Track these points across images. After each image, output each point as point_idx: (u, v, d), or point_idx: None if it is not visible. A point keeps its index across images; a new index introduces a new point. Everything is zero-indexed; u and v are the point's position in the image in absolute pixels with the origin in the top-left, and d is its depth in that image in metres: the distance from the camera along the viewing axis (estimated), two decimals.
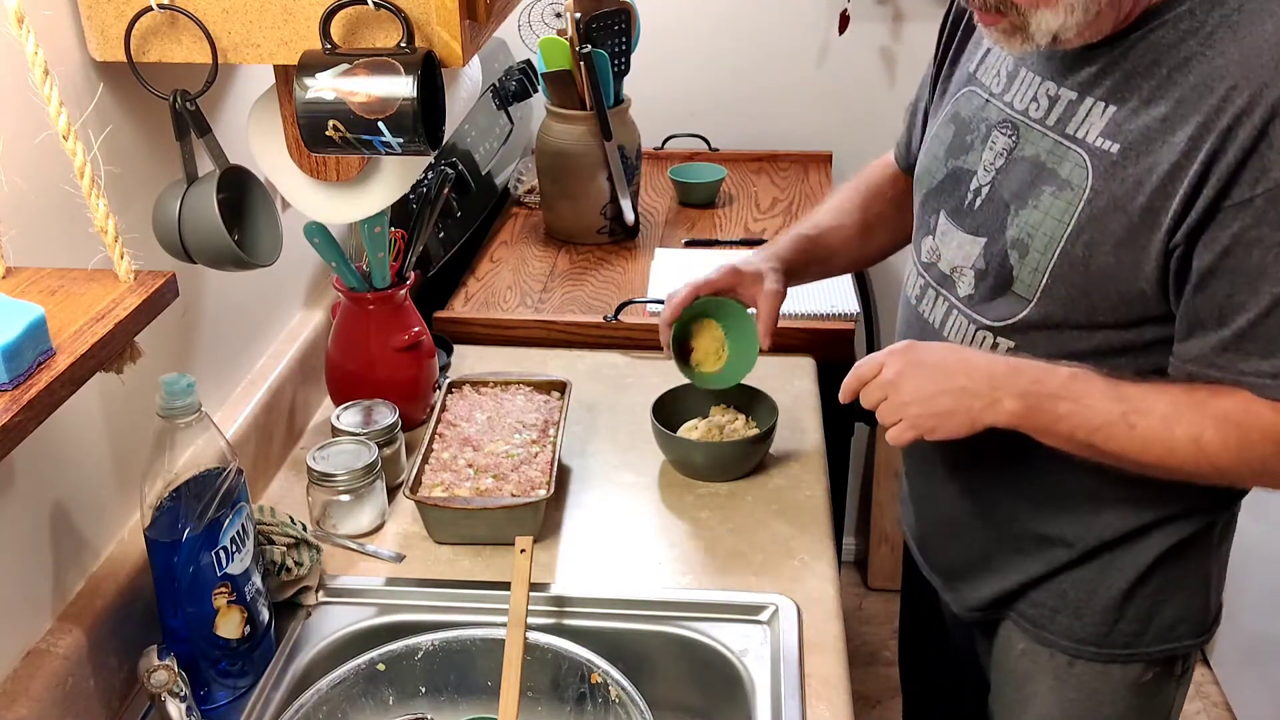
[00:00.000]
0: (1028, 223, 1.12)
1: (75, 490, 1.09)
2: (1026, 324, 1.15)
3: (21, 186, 0.96)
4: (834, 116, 2.50)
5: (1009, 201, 1.15)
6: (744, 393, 1.54)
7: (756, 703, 1.13)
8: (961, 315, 1.21)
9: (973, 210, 1.19)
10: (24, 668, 1.01)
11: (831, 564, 1.32)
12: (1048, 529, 1.25)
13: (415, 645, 1.15)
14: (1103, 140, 1.07)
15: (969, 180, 1.20)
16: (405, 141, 1.01)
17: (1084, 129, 1.09)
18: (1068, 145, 1.10)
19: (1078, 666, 1.28)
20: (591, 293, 1.92)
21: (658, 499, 1.44)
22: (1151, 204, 1.04)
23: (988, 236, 1.17)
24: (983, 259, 1.18)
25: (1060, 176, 1.10)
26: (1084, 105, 1.10)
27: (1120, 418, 1.07)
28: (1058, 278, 1.11)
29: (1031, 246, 1.12)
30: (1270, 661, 2.29)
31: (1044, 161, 1.12)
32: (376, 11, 1.00)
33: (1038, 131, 1.13)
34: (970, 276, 1.19)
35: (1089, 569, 1.24)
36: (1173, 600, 1.24)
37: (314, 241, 1.41)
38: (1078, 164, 1.09)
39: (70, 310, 0.89)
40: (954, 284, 1.22)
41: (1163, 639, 1.26)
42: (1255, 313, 1.02)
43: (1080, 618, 1.26)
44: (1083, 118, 1.10)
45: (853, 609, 2.76)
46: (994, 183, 1.17)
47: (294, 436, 1.54)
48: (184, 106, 1.08)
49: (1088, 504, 1.22)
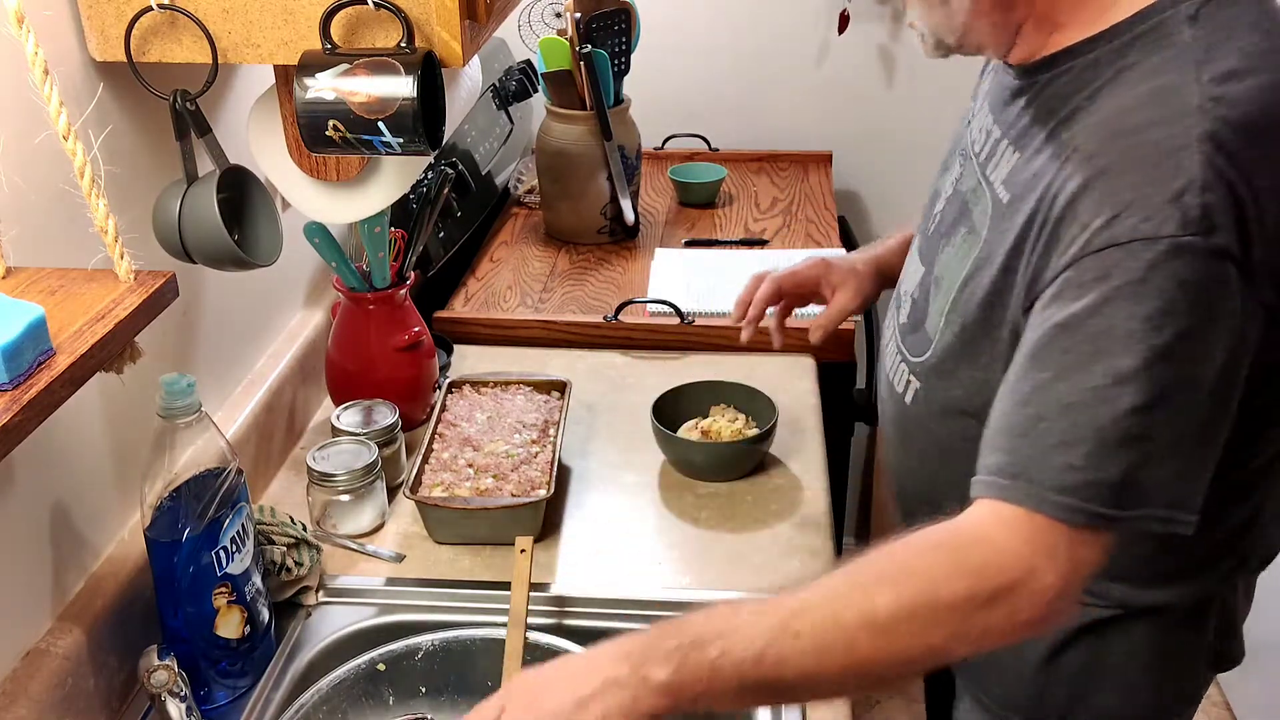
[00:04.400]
0: (944, 260, 1.09)
1: (75, 490, 1.09)
2: (929, 365, 1.10)
3: (21, 186, 0.96)
4: (834, 116, 2.50)
5: (943, 235, 1.12)
6: (744, 393, 1.54)
7: None
8: (894, 343, 1.19)
9: (927, 236, 1.17)
10: (24, 668, 1.00)
11: (831, 564, 1.32)
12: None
13: (415, 645, 1.15)
14: (1002, 188, 1.02)
15: (936, 204, 1.18)
16: (405, 141, 1.01)
17: (996, 173, 1.04)
18: (984, 187, 1.06)
19: None
20: (591, 293, 1.92)
21: (658, 499, 1.44)
22: (1008, 261, 0.97)
23: (926, 267, 1.14)
24: (919, 288, 1.15)
25: (973, 218, 1.06)
26: (1000, 147, 1.04)
27: (780, 629, 0.86)
28: (949, 322, 1.06)
29: (942, 285, 1.08)
30: (1270, 661, 2.29)
31: (968, 200, 1.08)
32: (376, 11, 1.00)
33: (973, 166, 1.10)
34: (908, 304, 1.17)
35: None
36: (1104, 681, 1.12)
37: (314, 241, 1.41)
38: (984, 210, 1.04)
39: (70, 310, 0.89)
40: (901, 308, 1.19)
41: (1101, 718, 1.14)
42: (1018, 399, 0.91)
43: (1004, 678, 1.17)
44: (998, 161, 1.04)
45: None
46: (942, 213, 1.14)
47: (294, 436, 1.54)
48: (184, 106, 1.08)
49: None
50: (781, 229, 2.15)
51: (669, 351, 1.77)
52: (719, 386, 1.56)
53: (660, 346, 1.78)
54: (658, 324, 1.79)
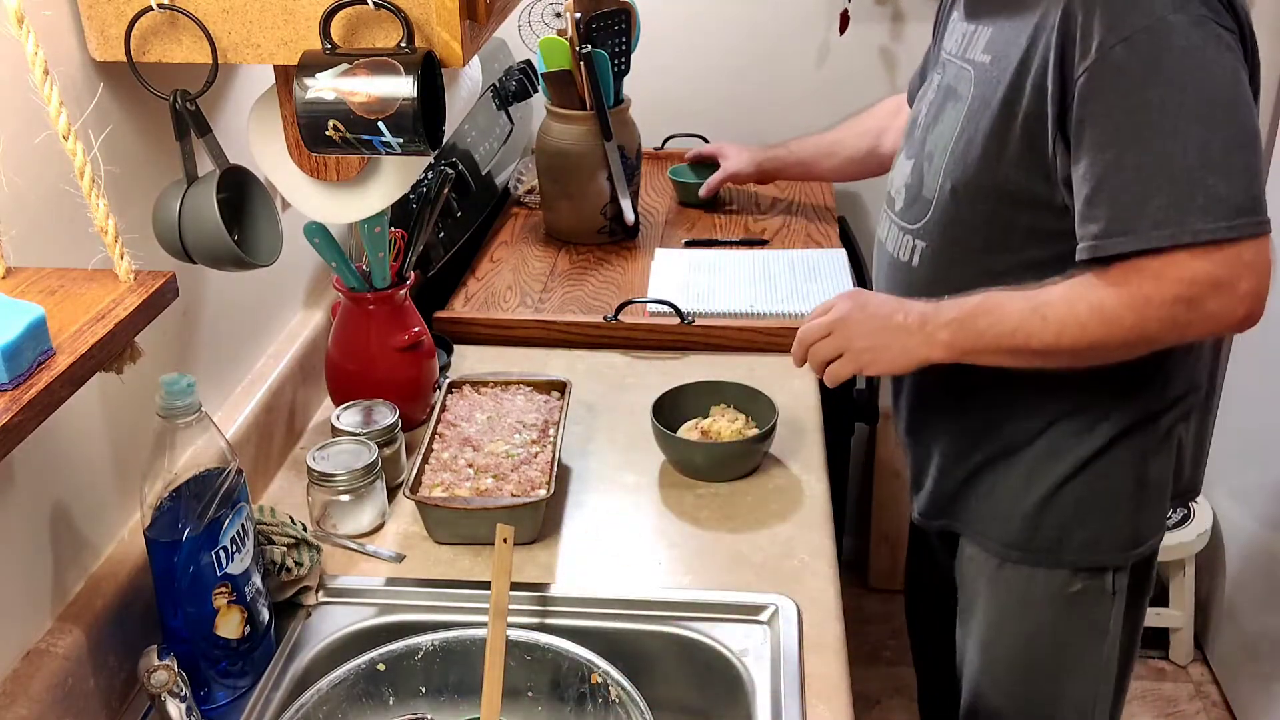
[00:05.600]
0: (933, 135, 1.33)
1: (75, 490, 1.09)
2: (931, 223, 1.33)
3: (21, 186, 0.96)
4: (834, 116, 2.48)
5: (929, 125, 1.35)
6: (744, 393, 1.54)
7: (756, 703, 1.12)
8: (895, 226, 1.41)
9: (912, 139, 1.40)
10: (24, 668, 1.00)
11: (831, 564, 1.32)
12: (964, 423, 1.40)
13: (415, 645, 1.15)
14: (982, 55, 1.28)
15: (915, 119, 1.41)
16: (405, 141, 1.01)
17: (974, 50, 1.30)
18: (963, 66, 1.31)
19: (1006, 569, 1.41)
20: (591, 293, 1.92)
21: (658, 499, 1.44)
22: (1007, 96, 1.21)
23: (914, 158, 1.37)
24: (910, 175, 1.38)
25: (958, 93, 1.30)
26: (976, 31, 1.31)
27: (1031, 312, 1.20)
28: (947, 177, 1.29)
29: (935, 155, 1.32)
30: (1270, 661, 2.29)
31: (951, 86, 1.33)
32: (376, 11, 1.00)
33: (953, 63, 1.34)
34: (903, 193, 1.39)
35: (1011, 474, 1.38)
36: (1091, 513, 1.36)
37: (314, 241, 1.41)
38: (967, 79, 1.29)
39: (70, 310, 0.89)
40: (895, 202, 1.42)
41: (1084, 549, 1.37)
42: (1094, 179, 1.15)
43: (1007, 521, 1.39)
44: (973, 41, 1.30)
45: (853, 609, 2.76)
46: (925, 113, 1.38)
47: (294, 436, 1.54)
48: (184, 106, 1.08)
49: (1003, 397, 1.35)
50: (781, 229, 2.15)
51: (669, 351, 1.77)
52: (719, 386, 1.56)
53: (660, 346, 1.78)
54: (658, 324, 1.79)
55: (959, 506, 1.45)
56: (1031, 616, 1.42)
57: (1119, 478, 1.35)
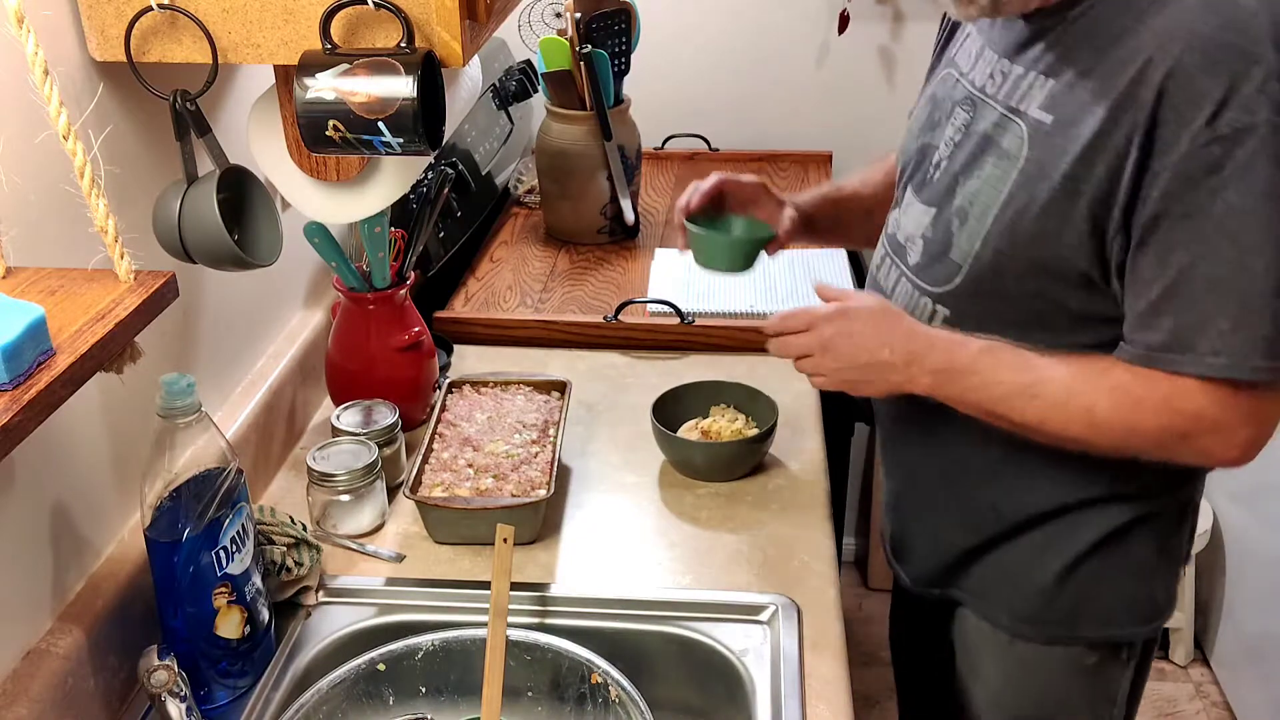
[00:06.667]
0: (970, 191, 1.17)
1: (75, 490, 1.09)
2: (960, 290, 1.19)
3: (21, 186, 0.96)
4: (834, 116, 2.50)
5: (959, 173, 1.20)
6: (744, 393, 1.54)
7: (756, 703, 1.12)
8: (908, 282, 1.26)
9: (930, 183, 1.24)
10: (24, 668, 1.00)
11: (831, 564, 1.32)
12: (981, 496, 1.28)
13: (415, 645, 1.15)
14: (1040, 112, 1.11)
15: (932, 155, 1.25)
16: (405, 141, 1.01)
17: (1026, 102, 1.13)
18: (1011, 118, 1.14)
19: (1017, 645, 1.31)
20: (591, 293, 1.92)
21: (658, 499, 1.44)
22: (1074, 171, 1.07)
23: (937, 207, 1.22)
24: (931, 228, 1.23)
25: (1002, 147, 1.15)
26: (1028, 79, 1.14)
27: (1024, 389, 1.13)
28: (988, 244, 1.15)
29: (970, 214, 1.17)
30: (1270, 661, 2.29)
31: (990, 134, 1.17)
32: (376, 11, 1.00)
33: (990, 106, 1.18)
34: (920, 245, 1.24)
35: (1025, 547, 1.27)
36: (1111, 586, 1.26)
37: (314, 241, 1.41)
38: (1017, 135, 1.13)
39: (70, 310, 0.89)
40: (906, 252, 1.27)
41: (1103, 624, 1.28)
42: (1162, 285, 1.05)
43: (1018, 595, 1.29)
44: (1025, 91, 1.14)
45: (853, 609, 2.76)
46: (951, 157, 1.22)
47: (294, 436, 1.54)
48: (184, 106, 1.08)
49: (1017, 472, 1.24)
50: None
51: (669, 351, 1.77)
52: (719, 386, 1.56)
53: (660, 346, 1.78)
54: (658, 324, 1.79)
55: (960, 577, 1.35)
56: (1041, 689, 1.34)
57: (1140, 549, 1.25)
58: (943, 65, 1.31)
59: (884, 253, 1.33)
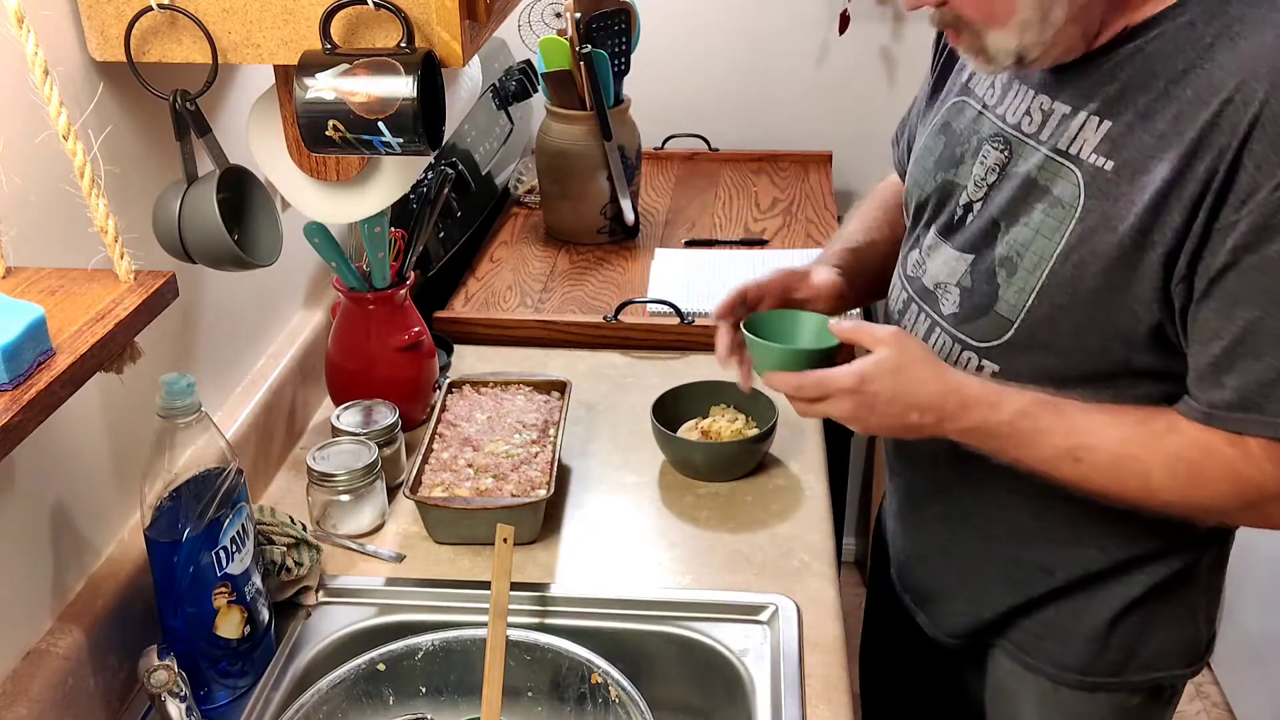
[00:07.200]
0: (1017, 240, 1.09)
1: (75, 490, 1.09)
2: (1010, 345, 1.11)
3: (21, 186, 0.96)
4: (834, 116, 2.50)
5: (998, 218, 1.11)
6: (744, 392, 1.54)
7: (756, 703, 1.13)
8: (945, 334, 1.17)
9: (962, 226, 1.16)
10: (24, 668, 1.01)
11: (831, 564, 1.32)
12: (1030, 557, 1.21)
13: (415, 645, 1.15)
14: (1097, 157, 1.03)
15: (958, 195, 1.17)
16: (405, 141, 1.01)
17: (1078, 145, 1.05)
18: (1060, 161, 1.06)
19: (1062, 692, 1.26)
20: (591, 293, 1.92)
21: (658, 499, 1.44)
22: (1143, 224, 0.99)
23: (975, 254, 1.14)
24: (969, 276, 1.14)
25: (1052, 193, 1.06)
26: (1077, 120, 1.06)
27: (1065, 454, 1.05)
28: (1044, 298, 1.07)
29: (1020, 265, 1.08)
30: (1270, 661, 2.29)
31: (1036, 178, 1.08)
32: (376, 11, 1.00)
33: (1030, 146, 1.09)
34: (955, 294, 1.16)
35: (1073, 599, 1.21)
36: (1160, 631, 1.22)
37: (314, 241, 1.41)
38: (1071, 181, 1.05)
39: (70, 310, 0.89)
40: (937, 300, 1.18)
41: (1149, 668, 1.24)
42: (1228, 340, 0.98)
43: (1065, 645, 1.23)
44: (1076, 132, 1.06)
45: (853, 609, 2.75)
46: (985, 199, 1.13)
47: (294, 436, 1.54)
48: (184, 106, 1.08)
49: (1070, 534, 1.19)
50: (781, 229, 2.15)
51: (669, 351, 1.77)
52: (719, 386, 1.56)
53: (660, 346, 1.78)
54: (658, 324, 1.79)
55: (999, 631, 1.28)
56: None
57: (1189, 592, 1.21)
58: (954, 93, 1.23)
59: (907, 297, 1.24)
